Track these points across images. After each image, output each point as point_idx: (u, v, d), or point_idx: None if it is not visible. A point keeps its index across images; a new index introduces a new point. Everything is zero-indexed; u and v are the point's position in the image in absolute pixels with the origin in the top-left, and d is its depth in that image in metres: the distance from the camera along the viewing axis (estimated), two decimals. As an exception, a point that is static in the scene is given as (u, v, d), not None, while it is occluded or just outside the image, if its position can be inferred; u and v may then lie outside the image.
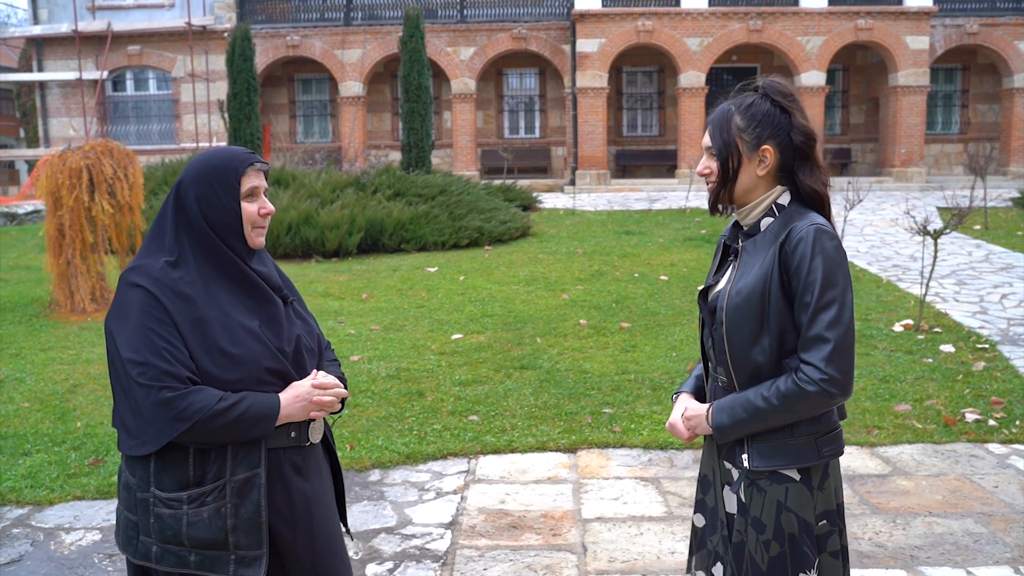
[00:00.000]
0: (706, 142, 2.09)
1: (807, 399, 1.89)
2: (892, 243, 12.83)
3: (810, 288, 1.90)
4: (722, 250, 2.18)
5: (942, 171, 24.45)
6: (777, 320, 1.95)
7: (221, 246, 1.95)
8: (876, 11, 22.17)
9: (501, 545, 3.62)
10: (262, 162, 2.04)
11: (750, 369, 2.00)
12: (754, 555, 2.00)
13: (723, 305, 2.02)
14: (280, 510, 1.96)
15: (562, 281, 9.95)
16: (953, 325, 7.73)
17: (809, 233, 1.93)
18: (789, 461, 1.98)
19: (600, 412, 5.36)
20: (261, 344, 1.94)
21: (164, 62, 23.88)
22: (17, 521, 3.95)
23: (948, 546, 3.56)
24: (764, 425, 1.97)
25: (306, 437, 2.02)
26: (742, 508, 2.04)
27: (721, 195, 2.08)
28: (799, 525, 1.98)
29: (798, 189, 2.06)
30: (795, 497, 1.98)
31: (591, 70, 22.48)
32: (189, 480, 1.87)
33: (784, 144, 2.03)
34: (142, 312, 1.85)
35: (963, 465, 4.50)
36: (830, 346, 1.87)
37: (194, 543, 1.86)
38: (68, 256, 8.53)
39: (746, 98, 2.08)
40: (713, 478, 2.16)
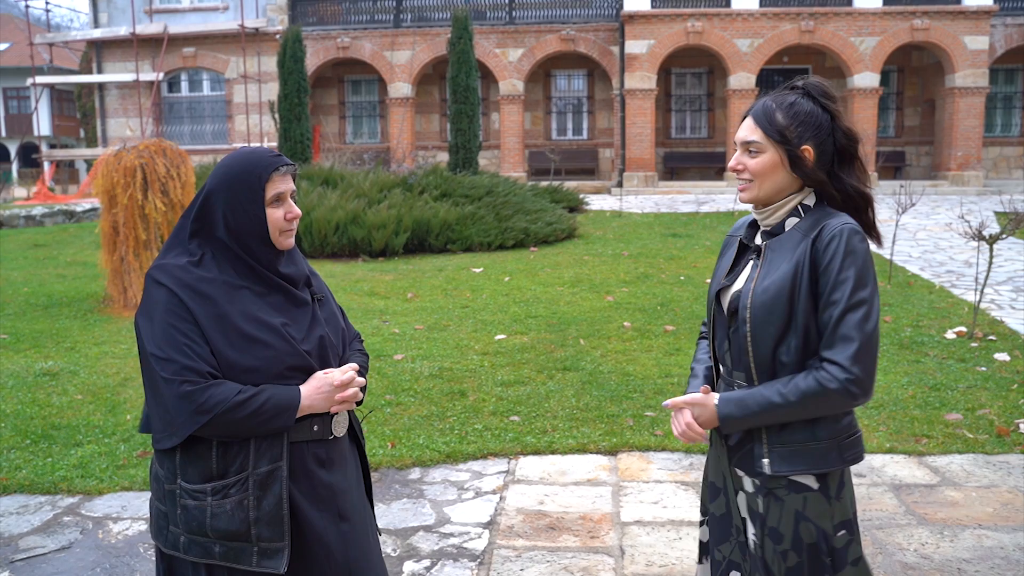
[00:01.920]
0: (744, 136, 2.03)
1: (828, 397, 1.86)
2: (946, 248, 12.54)
3: (840, 287, 1.87)
4: (737, 249, 2.12)
5: (1001, 175, 23.83)
6: (804, 319, 1.91)
7: (243, 250, 1.97)
8: (933, 11, 21.70)
9: (538, 546, 3.62)
10: (288, 164, 2.02)
11: (773, 370, 1.95)
12: (771, 566, 1.97)
13: (747, 304, 1.96)
14: (305, 502, 1.97)
15: (607, 283, 9.91)
16: (1009, 333, 7.53)
17: (843, 232, 1.90)
18: (811, 465, 1.93)
19: (642, 415, 5.33)
20: (283, 340, 1.95)
21: (218, 63, 24.33)
22: (68, 509, 4.05)
23: (998, 560, 3.46)
24: (774, 420, 1.92)
25: (329, 431, 2.03)
26: (758, 518, 2.00)
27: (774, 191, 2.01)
28: (818, 535, 1.94)
29: (831, 191, 2.01)
30: (814, 506, 1.95)
31: (639, 71, 22.35)
32: (213, 473, 1.90)
33: (823, 145, 1.99)
34: (165, 310, 1.89)
35: (1016, 477, 4.37)
36: (856, 345, 1.84)
37: (218, 534, 1.90)
38: (122, 253, 8.73)
39: (787, 96, 2.03)
40: (724, 484, 2.12)
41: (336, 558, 2.01)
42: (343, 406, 2.01)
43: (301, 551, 1.97)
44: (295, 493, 1.96)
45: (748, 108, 2.08)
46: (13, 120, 40.76)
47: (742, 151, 2.03)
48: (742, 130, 2.04)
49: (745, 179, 2.02)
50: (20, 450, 4.80)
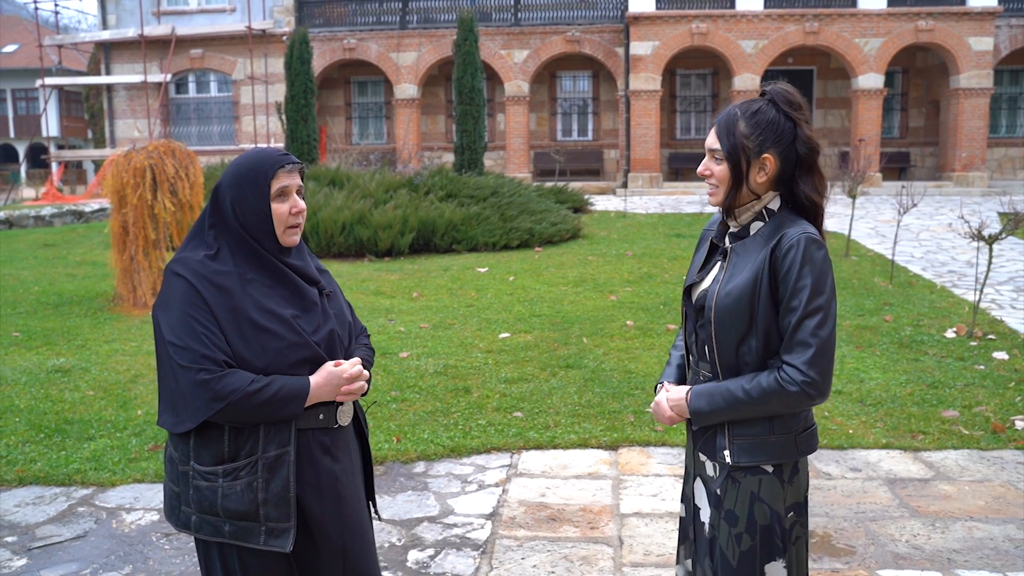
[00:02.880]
0: (711, 144, 2.12)
1: (787, 397, 1.98)
2: (948, 248, 12.61)
3: (798, 295, 1.97)
4: (708, 248, 2.22)
5: (1006, 175, 23.86)
6: (764, 323, 2.02)
7: (254, 244, 2.07)
8: (938, 12, 21.74)
9: (540, 536, 3.72)
10: (293, 162, 2.10)
11: (736, 367, 2.07)
12: (725, 551, 2.07)
13: (711, 305, 2.07)
14: (309, 487, 2.07)
15: (611, 283, 10.00)
16: (1008, 332, 7.60)
17: (800, 241, 1.99)
18: (769, 457, 2.06)
19: (643, 411, 5.42)
20: (293, 332, 2.05)
21: (225, 65, 24.49)
22: (82, 500, 4.17)
23: (987, 551, 3.55)
24: (739, 415, 2.04)
25: (335, 420, 2.13)
26: (716, 501, 2.10)
27: (735, 199, 2.10)
28: (771, 516, 2.06)
29: (791, 195, 2.10)
30: (767, 488, 2.06)
31: (644, 72, 22.44)
32: (224, 456, 2.01)
33: (786, 153, 2.07)
34: (183, 300, 1.99)
35: (1009, 472, 4.46)
36: (812, 351, 1.95)
37: (228, 514, 2.00)
38: (131, 252, 8.85)
39: (753, 103, 2.11)
40: (691, 471, 2.24)
41: (332, 540, 2.11)
42: (349, 397, 2.11)
43: (300, 532, 2.08)
44: (299, 477, 2.06)
45: (717, 115, 2.17)
46: (21, 121, 41.00)
47: (709, 157, 2.13)
48: (709, 137, 2.13)
49: (712, 184, 2.12)
50: (35, 443, 4.92)
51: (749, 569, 2.06)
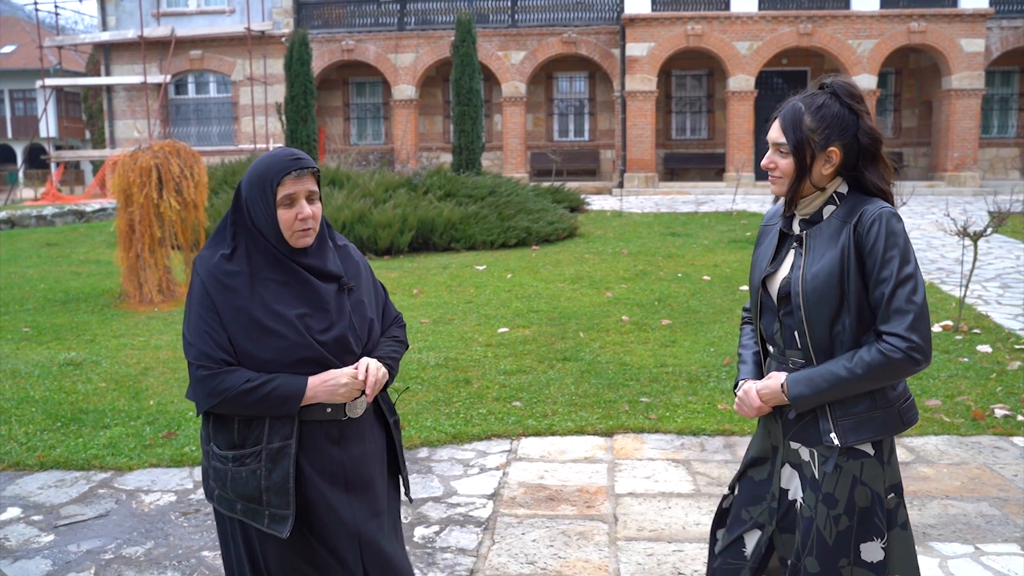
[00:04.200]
0: (774, 138, 2.18)
1: (893, 366, 2.02)
2: (938, 247, 12.83)
3: (888, 265, 2.03)
4: (778, 238, 2.26)
5: (997, 175, 24.12)
6: (856, 298, 2.06)
7: (268, 244, 2.16)
8: (930, 13, 22.00)
9: (539, 514, 3.93)
10: (302, 167, 2.14)
11: (830, 348, 2.11)
12: (822, 530, 2.11)
13: (799, 291, 2.12)
14: (315, 475, 2.17)
15: (607, 280, 10.21)
16: (993, 327, 7.81)
17: (883, 215, 2.07)
18: (876, 432, 2.10)
19: (637, 401, 5.63)
20: (297, 333, 2.13)
21: (224, 66, 24.67)
22: (102, 483, 4.36)
23: (960, 525, 3.77)
24: (843, 394, 2.08)
25: (343, 413, 2.20)
26: (815, 485, 2.15)
27: (798, 190, 2.16)
28: (872, 498, 2.11)
29: (856, 182, 2.17)
30: (869, 471, 2.11)
31: (640, 74, 22.66)
32: (235, 442, 2.15)
33: (850, 144, 2.13)
34: (196, 299, 2.16)
35: (986, 455, 4.67)
36: (911, 316, 2.00)
37: (236, 495, 2.16)
38: (137, 250, 9.05)
39: (816, 97, 2.16)
40: (773, 454, 2.27)
41: (347, 525, 2.20)
42: (344, 398, 2.17)
43: (310, 517, 2.18)
44: (307, 466, 2.16)
45: (778, 108, 2.23)
46: (19, 122, 41.11)
47: (774, 150, 2.19)
48: (772, 131, 2.20)
49: (776, 176, 2.21)
50: (52, 432, 5.11)
51: (844, 548, 2.10)
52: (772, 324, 2.24)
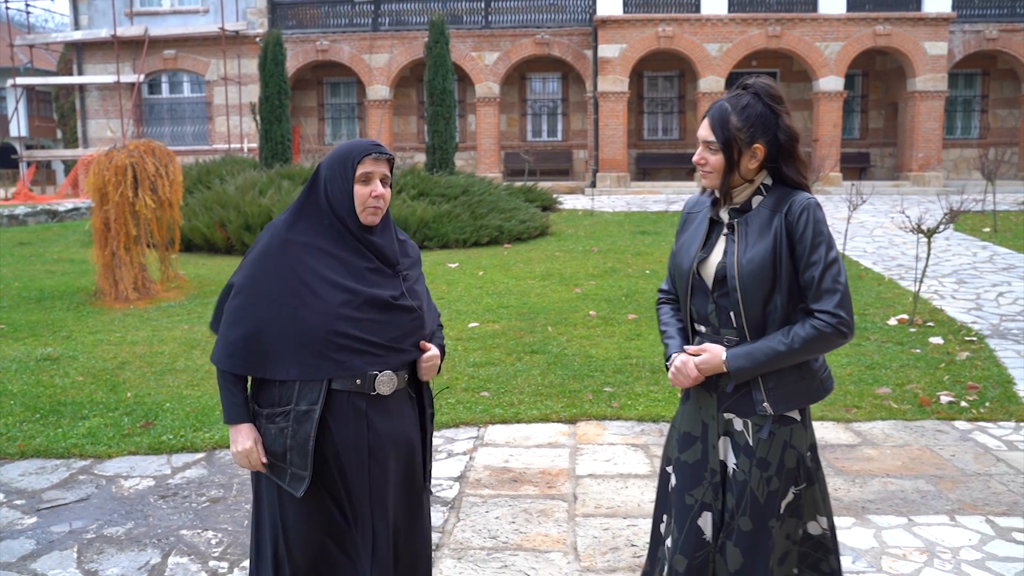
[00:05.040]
0: (704, 136, 2.36)
1: (824, 340, 2.24)
2: (900, 244, 13.19)
3: (817, 250, 2.26)
4: (707, 226, 2.44)
5: (961, 175, 24.64)
6: (787, 279, 2.28)
7: (336, 221, 2.35)
8: (895, 17, 22.46)
9: (502, 494, 4.13)
10: (381, 153, 2.37)
11: (763, 325, 2.31)
12: (755, 491, 2.33)
13: (735, 273, 2.30)
14: (340, 443, 2.32)
15: (576, 277, 10.44)
16: (946, 320, 8.11)
17: (810, 206, 2.30)
18: (804, 400, 2.34)
19: (601, 391, 5.85)
20: (344, 292, 2.30)
21: (198, 66, 24.67)
22: (82, 470, 4.52)
23: (897, 500, 4.02)
24: (779, 366, 2.28)
25: (372, 388, 2.34)
26: (748, 451, 2.34)
27: (730, 183, 2.36)
28: (798, 459, 2.35)
29: (777, 174, 2.38)
30: (797, 436, 2.35)
31: (612, 75, 22.94)
32: (273, 401, 2.33)
33: (772, 141, 2.34)
34: (255, 258, 2.37)
35: (928, 438, 4.94)
36: (839, 295, 2.24)
37: (267, 451, 2.34)
38: (113, 248, 9.14)
39: (741, 98, 2.35)
40: (703, 432, 2.43)
41: (360, 492, 2.34)
42: (237, 460, 2.36)
43: (328, 481, 2.33)
44: (334, 432, 2.31)
45: (708, 108, 2.45)
46: (-12, 121, 40.66)
47: (704, 148, 2.37)
48: (702, 130, 2.38)
49: (707, 171, 2.41)
50: (31, 423, 5.24)
51: (774, 504, 2.33)
52: (706, 305, 2.41)
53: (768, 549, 2.34)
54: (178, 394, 5.80)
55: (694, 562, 2.41)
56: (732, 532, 2.37)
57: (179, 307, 8.90)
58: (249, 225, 12.67)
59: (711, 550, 2.41)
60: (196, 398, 5.69)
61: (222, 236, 12.76)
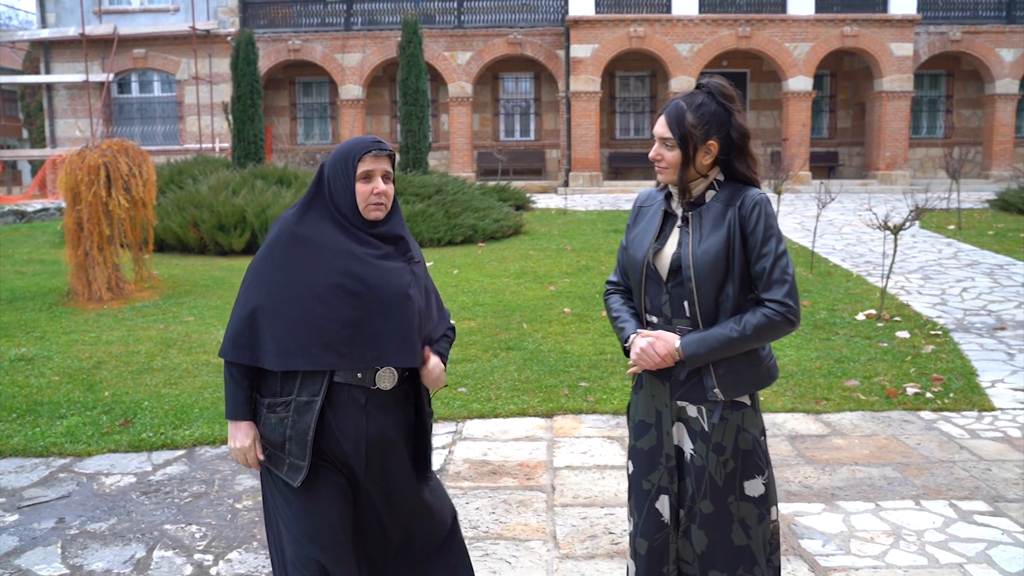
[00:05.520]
0: (661, 132, 2.44)
1: (774, 327, 2.34)
2: (867, 241, 13.43)
3: (768, 243, 2.37)
4: (660, 218, 2.51)
5: (927, 174, 25.07)
6: (740, 270, 2.37)
7: (340, 216, 2.39)
8: (862, 18, 22.80)
9: (482, 486, 4.21)
10: (380, 149, 2.39)
11: (715, 314, 2.39)
12: (713, 475, 2.42)
13: (689, 264, 2.38)
14: (341, 435, 2.34)
15: (550, 275, 10.53)
16: (912, 315, 8.30)
17: (761, 201, 2.40)
18: (752, 386, 2.44)
19: (577, 385, 5.94)
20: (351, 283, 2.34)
21: (168, 65, 24.48)
22: (62, 468, 4.53)
23: (865, 487, 4.15)
24: (731, 353, 2.37)
25: (372, 382, 2.37)
26: (704, 436, 2.43)
27: (686, 178, 2.44)
28: (752, 442, 2.44)
29: (729, 170, 2.47)
30: (749, 419, 2.45)
31: (584, 74, 23.08)
32: (275, 391, 2.36)
33: (725, 138, 2.43)
34: (265, 252, 2.41)
35: (895, 428, 5.08)
36: (788, 286, 2.35)
37: (265, 441, 2.37)
38: (86, 248, 9.10)
39: (696, 97, 2.45)
40: (657, 419, 2.51)
41: (368, 491, 2.41)
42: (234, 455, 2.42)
43: (326, 473, 2.36)
44: (334, 424, 2.34)
45: (663, 106, 2.54)
46: (-48, 121, 40.02)
47: (660, 144, 2.46)
48: (658, 127, 2.46)
49: (663, 166, 2.50)
50: (8, 422, 5.24)
51: (731, 486, 2.42)
52: (660, 295, 2.48)
53: (729, 529, 2.45)
54: (156, 393, 5.81)
55: (654, 544, 2.51)
56: (695, 516, 2.47)
57: (154, 307, 8.87)
58: (223, 225, 12.63)
59: (670, 531, 2.51)
60: (174, 396, 5.71)
61: (195, 236, 12.70)
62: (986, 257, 11.76)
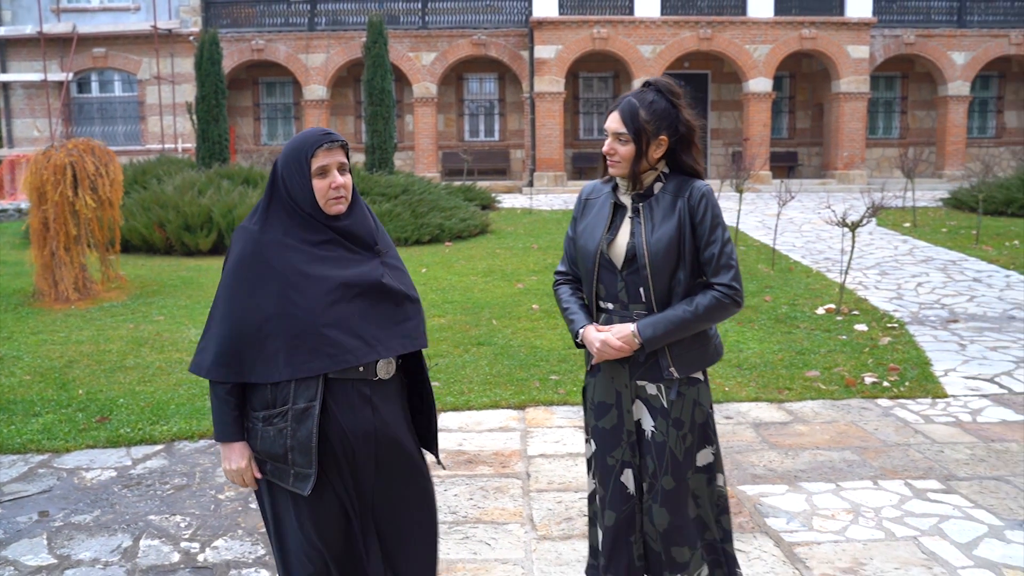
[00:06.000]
0: (615, 128, 2.55)
1: (723, 308, 2.52)
2: (827, 239, 13.75)
3: (715, 231, 2.54)
4: (610, 210, 2.64)
5: (883, 173, 25.62)
6: (690, 256, 2.54)
7: (303, 214, 2.35)
8: (819, 21, 23.27)
9: (459, 474, 4.33)
10: (331, 141, 2.34)
11: (668, 298, 2.55)
12: (674, 450, 2.58)
13: (644, 252, 2.53)
14: (351, 429, 2.32)
15: (517, 272, 10.67)
16: (870, 309, 8.57)
17: (708, 192, 2.56)
18: (703, 363, 2.62)
19: (547, 379, 6.08)
20: (327, 283, 2.30)
21: (129, 64, 24.22)
22: (41, 464, 4.56)
23: (825, 469, 4.34)
24: (685, 334, 2.53)
25: (374, 373, 2.35)
26: (664, 413, 2.59)
27: (638, 171, 2.57)
28: (706, 415, 2.63)
29: (675, 160, 2.61)
30: (703, 394, 2.63)
31: (548, 75, 23.27)
32: (268, 403, 2.31)
33: (674, 132, 2.58)
34: (231, 269, 2.37)
35: (854, 415, 5.29)
36: (734, 270, 2.54)
37: (265, 454, 2.33)
38: (52, 248, 9.05)
39: (646, 94, 2.58)
40: (617, 399, 2.65)
41: (370, 480, 2.38)
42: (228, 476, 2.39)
43: (336, 475, 2.34)
44: (341, 423, 2.31)
45: (617, 103, 2.60)
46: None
47: (613, 139, 2.57)
48: (612, 123, 2.56)
49: (616, 160, 2.63)
50: (-18, 420, 5.24)
51: (689, 460, 2.60)
52: (615, 283, 2.61)
53: (686, 503, 2.62)
54: (131, 390, 5.85)
55: (621, 516, 2.67)
56: (657, 494, 2.61)
57: (122, 307, 8.86)
58: (189, 225, 12.60)
59: (636, 503, 2.67)
60: (150, 393, 5.75)
61: (161, 237, 12.65)
62: (940, 253, 12.12)
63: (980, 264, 11.09)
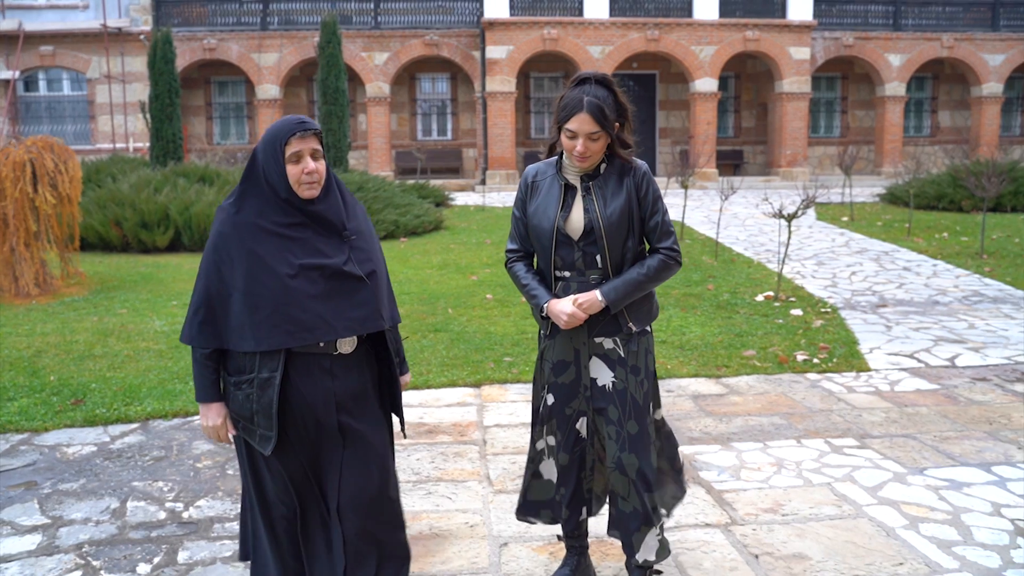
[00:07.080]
0: (588, 129, 2.79)
1: (668, 268, 2.93)
2: (768, 232, 14.34)
3: (657, 203, 2.94)
4: (561, 191, 2.93)
5: (825, 171, 26.49)
6: (638, 226, 2.92)
7: (278, 198, 2.52)
8: (762, 23, 24.01)
9: (420, 443, 4.67)
10: (305, 129, 2.50)
11: (621, 264, 2.91)
12: (635, 395, 2.94)
13: (599, 225, 2.86)
14: (310, 401, 2.52)
15: (471, 266, 11.03)
16: (806, 296, 9.09)
17: (647, 169, 2.95)
18: (651, 318, 3.02)
19: (501, 360, 6.45)
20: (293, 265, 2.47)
21: (78, 63, 24.04)
22: (21, 442, 4.80)
23: (755, 432, 4.77)
24: (640, 293, 2.91)
25: (335, 348, 2.54)
26: (622, 362, 2.94)
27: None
28: (653, 362, 3.05)
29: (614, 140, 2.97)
30: (651, 343, 3.04)
31: (500, 75, 23.66)
32: (239, 369, 2.54)
33: (623, 118, 2.90)
34: (210, 247, 2.56)
35: (783, 387, 5.75)
36: (674, 235, 2.95)
37: (236, 414, 2.56)
38: (12, 244, 9.17)
39: (598, 90, 2.84)
40: (576, 357, 2.98)
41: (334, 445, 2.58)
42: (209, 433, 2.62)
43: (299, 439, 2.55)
44: (303, 392, 2.51)
45: (579, 105, 2.89)
46: None
47: (586, 139, 2.81)
48: (585, 125, 2.79)
49: (587, 156, 2.92)
50: (-42, 405, 5.44)
51: (648, 403, 2.98)
52: (572, 254, 2.94)
53: (649, 443, 2.99)
54: (101, 376, 6.07)
55: (574, 455, 3.07)
56: (624, 442, 2.94)
57: (84, 301, 9.01)
58: (146, 223, 12.71)
59: (587, 444, 3.07)
60: (121, 378, 5.98)
61: (118, 234, 12.75)
62: (874, 245, 12.76)
63: (911, 254, 11.74)
